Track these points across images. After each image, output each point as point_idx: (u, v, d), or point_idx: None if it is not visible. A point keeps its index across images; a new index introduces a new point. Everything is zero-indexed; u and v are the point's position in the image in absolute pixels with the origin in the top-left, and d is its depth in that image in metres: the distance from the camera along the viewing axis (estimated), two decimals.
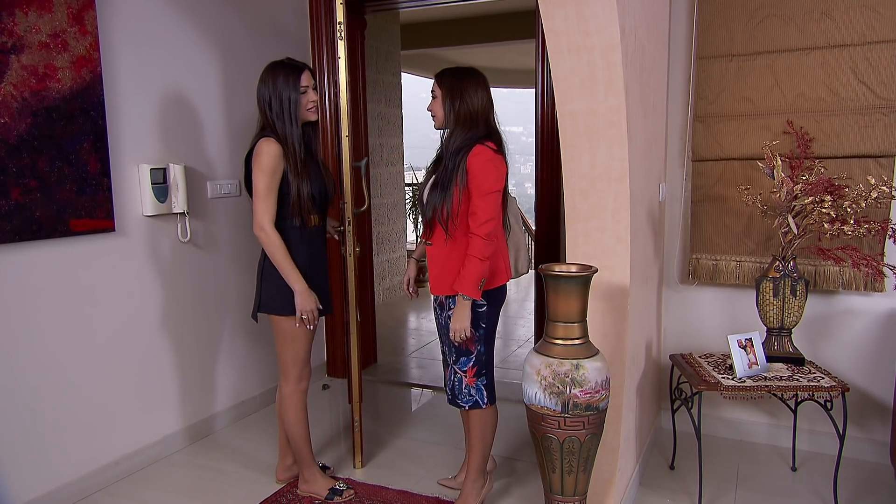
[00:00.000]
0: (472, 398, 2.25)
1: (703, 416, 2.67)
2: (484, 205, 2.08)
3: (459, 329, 2.14)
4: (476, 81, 2.18)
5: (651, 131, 2.47)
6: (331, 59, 3.57)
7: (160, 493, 2.56)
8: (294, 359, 2.39)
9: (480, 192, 2.09)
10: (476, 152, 2.10)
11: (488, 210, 2.09)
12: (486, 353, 2.24)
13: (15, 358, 2.29)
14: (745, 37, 2.70)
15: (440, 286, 2.21)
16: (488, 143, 2.13)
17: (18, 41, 2.23)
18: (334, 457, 2.83)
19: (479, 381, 2.24)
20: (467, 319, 2.14)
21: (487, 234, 2.08)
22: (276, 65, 2.28)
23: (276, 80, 2.25)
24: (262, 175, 2.20)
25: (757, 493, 2.50)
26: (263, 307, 2.34)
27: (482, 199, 2.09)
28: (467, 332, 2.15)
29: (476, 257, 2.08)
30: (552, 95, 2.75)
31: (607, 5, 1.81)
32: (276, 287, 2.29)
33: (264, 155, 2.20)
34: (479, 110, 2.16)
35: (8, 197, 2.22)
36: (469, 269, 2.09)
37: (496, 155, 2.13)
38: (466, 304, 2.13)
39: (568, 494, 1.87)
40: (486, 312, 2.21)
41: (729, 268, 2.83)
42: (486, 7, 6.13)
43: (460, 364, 2.24)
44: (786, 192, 2.34)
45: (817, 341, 2.75)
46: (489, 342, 2.25)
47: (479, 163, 2.09)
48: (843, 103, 2.57)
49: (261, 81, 2.28)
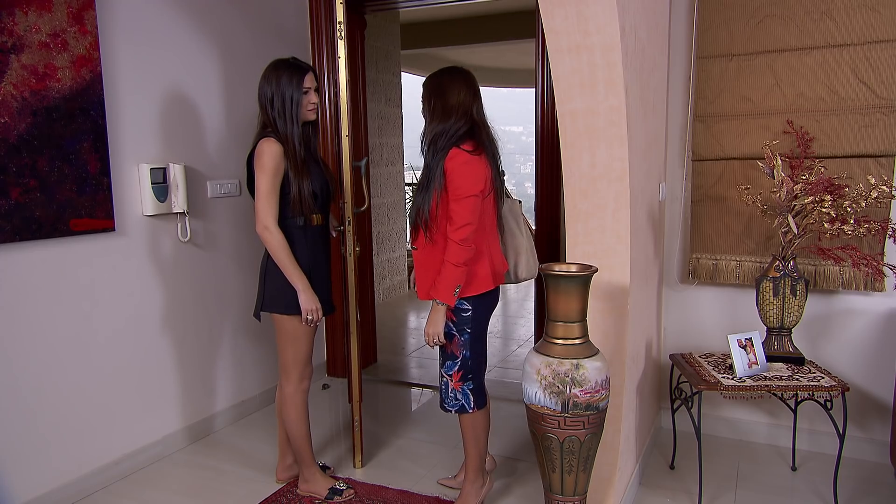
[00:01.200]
0: (459, 402, 2.24)
1: (703, 416, 2.67)
2: (460, 209, 2.05)
3: (432, 334, 2.14)
4: (451, 76, 2.16)
5: (651, 131, 2.47)
6: (331, 58, 3.57)
7: (160, 493, 2.56)
8: (295, 358, 2.39)
9: (456, 195, 2.06)
10: (451, 155, 2.07)
11: (464, 215, 2.05)
12: (472, 359, 2.22)
13: (15, 357, 2.29)
14: (745, 36, 2.70)
15: (422, 290, 2.20)
16: (465, 144, 2.09)
17: (18, 41, 2.23)
18: (334, 456, 2.83)
19: (465, 386, 2.23)
20: (440, 325, 2.13)
21: (462, 239, 2.04)
22: (280, 63, 2.28)
23: (280, 78, 2.25)
24: (265, 175, 2.20)
25: (757, 492, 2.50)
26: (266, 306, 2.34)
27: (458, 203, 2.05)
28: (440, 338, 2.15)
29: (451, 263, 2.05)
30: (552, 95, 2.75)
31: (607, 5, 1.81)
32: (280, 286, 2.29)
33: (266, 155, 2.20)
34: (454, 104, 2.12)
35: (8, 196, 2.22)
36: (443, 275, 2.07)
37: (473, 157, 2.09)
38: (440, 309, 2.12)
39: (568, 494, 1.88)
40: (472, 317, 2.19)
41: (729, 267, 2.83)
42: (486, 7, 6.13)
43: (446, 367, 2.23)
44: (786, 191, 2.34)
45: (817, 341, 2.75)
46: (476, 347, 2.23)
47: (454, 166, 2.06)
48: (843, 103, 2.57)
49: (263, 78, 2.28)
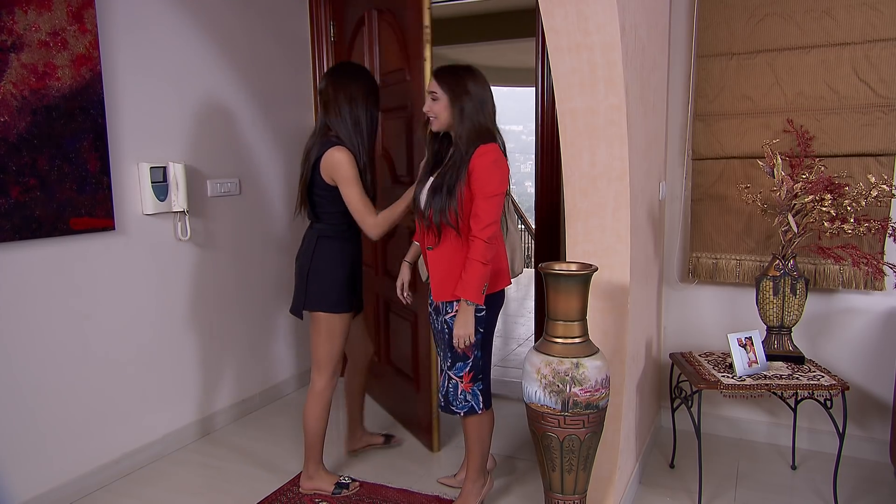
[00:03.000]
0: (468, 404, 2.20)
1: (703, 415, 2.67)
2: (488, 207, 2.03)
3: (464, 335, 2.09)
4: (483, 83, 2.12)
5: (651, 130, 2.47)
6: (331, 58, 3.58)
7: (161, 491, 2.56)
8: (330, 355, 2.43)
9: (484, 193, 2.02)
10: (481, 152, 2.04)
11: (491, 213, 2.03)
12: (482, 359, 2.21)
13: (15, 356, 2.29)
14: (745, 35, 2.69)
15: (443, 292, 2.15)
16: (491, 143, 2.08)
17: (18, 39, 2.23)
18: (335, 456, 2.83)
19: (475, 387, 2.20)
20: (472, 325, 2.08)
21: (490, 237, 2.03)
22: (374, 82, 2.41)
23: (375, 98, 2.37)
24: (352, 185, 2.28)
25: (757, 491, 2.50)
26: (310, 304, 2.39)
27: (486, 201, 2.02)
28: (471, 339, 2.10)
29: (479, 261, 2.02)
30: (552, 94, 2.74)
31: (607, 4, 1.81)
32: (325, 285, 2.36)
33: (346, 165, 2.27)
34: (490, 113, 2.12)
35: (8, 195, 2.22)
36: (471, 274, 2.03)
37: (502, 156, 2.09)
38: (470, 309, 2.07)
39: (568, 493, 1.88)
40: (485, 317, 2.17)
41: (729, 266, 2.83)
42: (485, 6, 6.11)
43: (456, 369, 2.19)
44: (786, 190, 2.34)
45: (817, 340, 2.75)
46: (486, 347, 2.22)
47: (484, 164, 2.03)
48: (843, 102, 2.57)
49: (357, 84, 2.34)
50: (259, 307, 3.38)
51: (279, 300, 3.49)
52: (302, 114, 3.61)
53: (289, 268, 3.54)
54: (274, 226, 3.46)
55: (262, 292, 3.39)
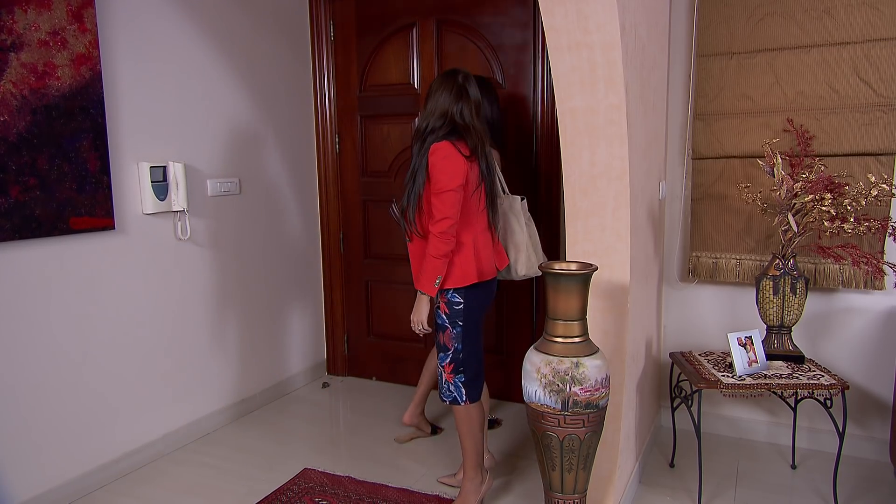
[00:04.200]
0: (451, 394, 2.29)
1: (703, 414, 2.68)
2: (438, 203, 2.13)
3: (416, 321, 2.25)
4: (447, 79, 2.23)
5: (651, 129, 2.47)
6: (330, 58, 3.58)
7: (160, 491, 2.56)
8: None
9: (435, 189, 2.13)
10: (433, 150, 2.15)
11: (442, 208, 2.12)
12: (464, 352, 2.25)
13: (15, 356, 2.29)
14: (745, 34, 2.69)
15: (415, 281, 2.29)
16: (452, 141, 2.15)
17: (18, 39, 2.23)
18: (334, 455, 2.83)
19: (456, 378, 2.27)
20: (423, 312, 2.24)
21: (441, 231, 2.12)
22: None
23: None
24: None
25: (756, 490, 2.50)
26: None
27: (436, 197, 2.13)
28: (424, 325, 2.25)
29: (430, 255, 2.14)
30: (552, 93, 2.74)
31: (607, 3, 1.81)
32: None
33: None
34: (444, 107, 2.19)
35: (8, 195, 2.22)
36: (424, 267, 2.17)
37: (454, 152, 2.14)
38: (424, 298, 2.23)
39: (568, 492, 1.88)
40: (464, 311, 2.23)
41: (729, 266, 2.83)
42: None
43: (440, 359, 2.30)
44: (786, 189, 2.34)
45: (817, 339, 2.75)
46: (468, 341, 2.26)
47: (433, 161, 2.14)
48: (843, 101, 2.57)
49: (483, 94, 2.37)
50: (259, 307, 3.38)
51: (279, 300, 3.49)
52: (302, 113, 3.61)
53: (289, 268, 3.55)
54: (274, 225, 3.46)
55: (262, 292, 3.39)
